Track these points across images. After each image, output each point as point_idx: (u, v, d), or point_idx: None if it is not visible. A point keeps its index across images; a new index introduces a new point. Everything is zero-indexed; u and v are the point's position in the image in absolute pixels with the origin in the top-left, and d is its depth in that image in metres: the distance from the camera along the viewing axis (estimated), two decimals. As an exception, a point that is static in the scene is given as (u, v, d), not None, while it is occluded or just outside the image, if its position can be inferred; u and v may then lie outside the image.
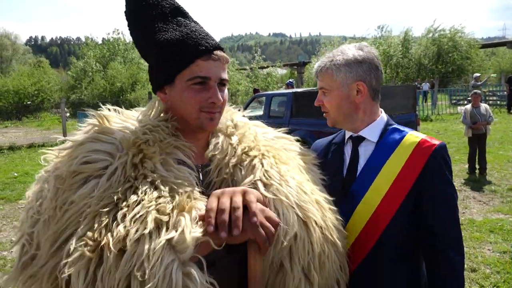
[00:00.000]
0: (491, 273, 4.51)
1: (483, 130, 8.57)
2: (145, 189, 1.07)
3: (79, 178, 1.10)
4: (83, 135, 1.23)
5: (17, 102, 29.50)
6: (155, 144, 1.18)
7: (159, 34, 1.24)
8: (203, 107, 1.24)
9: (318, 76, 1.67)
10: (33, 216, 1.11)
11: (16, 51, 61.19)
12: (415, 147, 1.56)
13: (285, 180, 1.23)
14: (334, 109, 1.65)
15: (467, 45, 37.82)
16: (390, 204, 1.52)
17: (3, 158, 13.32)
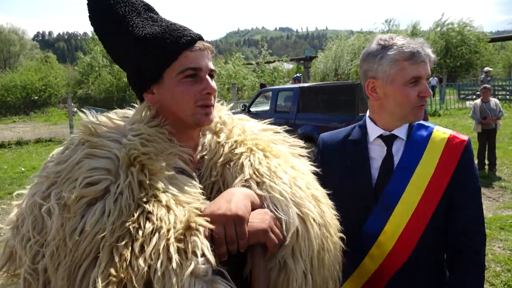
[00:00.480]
0: (502, 271, 4.44)
1: (493, 125, 8.48)
2: (160, 215, 1.01)
3: (82, 202, 1.02)
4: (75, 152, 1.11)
5: (24, 97, 29.67)
6: (157, 156, 1.11)
7: (137, 30, 1.17)
8: (197, 100, 1.17)
9: (428, 65, 1.52)
10: (32, 247, 1.01)
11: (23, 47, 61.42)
12: (446, 144, 1.54)
13: (278, 176, 1.17)
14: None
15: (475, 39, 37.41)
16: (429, 204, 1.50)
17: (11, 153, 13.40)
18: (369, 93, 1.58)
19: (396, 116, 1.56)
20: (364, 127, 1.66)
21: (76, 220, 1.00)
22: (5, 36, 57.86)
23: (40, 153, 13.20)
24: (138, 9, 1.21)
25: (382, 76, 1.51)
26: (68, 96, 17.73)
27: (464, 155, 1.52)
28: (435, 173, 1.51)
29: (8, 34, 58.58)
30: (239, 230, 1.02)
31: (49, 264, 0.99)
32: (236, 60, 32.34)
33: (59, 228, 0.99)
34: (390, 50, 1.50)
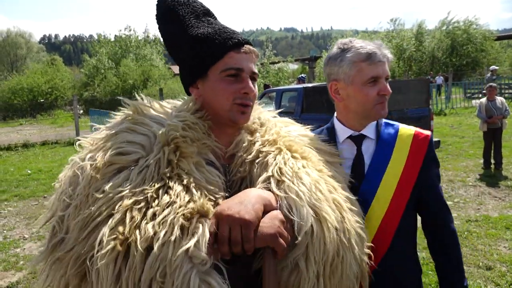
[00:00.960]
0: (507, 271, 4.40)
1: (499, 124, 8.41)
2: (178, 192, 1.07)
3: (112, 168, 1.12)
4: (118, 125, 1.24)
5: (31, 100, 29.82)
6: (193, 143, 1.20)
7: (192, 29, 1.28)
8: (236, 98, 1.25)
9: (386, 62, 1.60)
10: (65, 200, 1.12)
11: (30, 50, 61.84)
12: (413, 140, 1.65)
13: (299, 177, 1.20)
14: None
15: (481, 37, 37.18)
16: (401, 198, 1.59)
17: (17, 156, 13.50)
18: (333, 95, 1.68)
19: (360, 115, 1.63)
20: (332, 129, 1.73)
21: (103, 182, 1.09)
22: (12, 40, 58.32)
23: (46, 155, 13.28)
24: (197, 12, 1.33)
25: (343, 78, 1.60)
26: (73, 98, 17.79)
27: (429, 150, 1.64)
28: (405, 168, 1.61)
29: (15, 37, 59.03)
30: (244, 234, 1.04)
31: (72, 215, 1.09)
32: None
33: (86, 185, 1.10)
34: (348, 53, 1.58)
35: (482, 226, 5.66)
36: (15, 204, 7.78)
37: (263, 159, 1.26)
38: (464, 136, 12.39)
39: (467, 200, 6.80)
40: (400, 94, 7.72)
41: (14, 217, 7.04)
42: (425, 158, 1.63)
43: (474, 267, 4.53)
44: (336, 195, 1.25)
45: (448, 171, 8.62)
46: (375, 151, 1.64)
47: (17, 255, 5.42)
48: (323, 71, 1.73)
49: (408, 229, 1.64)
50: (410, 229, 1.66)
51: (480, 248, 4.97)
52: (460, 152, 10.26)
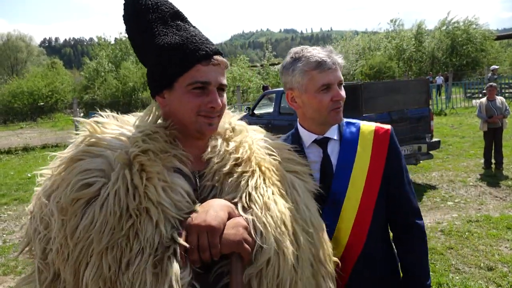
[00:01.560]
0: (509, 271, 4.38)
1: (499, 123, 8.41)
2: (148, 236, 1.07)
3: (80, 204, 1.10)
4: (74, 150, 1.21)
5: (31, 103, 29.85)
6: (156, 156, 1.17)
7: (159, 38, 1.24)
8: (201, 111, 1.23)
9: (338, 69, 1.63)
10: (41, 240, 1.14)
11: (30, 53, 61.93)
12: (374, 136, 1.70)
13: (267, 208, 1.21)
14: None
15: (481, 37, 37.20)
16: (371, 194, 1.64)
17: (17, 159, 13.51)
18: (290, 103, 1.72)
19: (317, 121, 1.67)
20: (296, 135, 1.76)
21: (77, 220, 1.09)
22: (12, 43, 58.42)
23: (46, 159, 13.15)
24: (166, 16, 1.28)
25: (297, 87, 1.63)
26: (74, 101, 17.80)
27: (391, 143, 1.70)
28: (371, 163, 1.66)
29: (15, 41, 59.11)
30: (211, 240, 1.09)
31: (56, 259, 1.10)
32: (241, 63, 32.38)
33: (60, 228, 1.09)
34: (299, 62, 1.62)
35: (483, 226, 5.64)
36: (15, 208, 7.77)
37: (236, 179, 1.25)
38: (465, 136, 12.37)
39: (468, 200, 6.77)
40: (400, 94, 7.70)
41: (13, 221, 7.03)
42: (388, 151, 1.68)
43: (475, 267, 4.51)
44: (298, 227, 1.27)
45: (448, 171, 8.60)
46: (340, 150, 1.69)
47: (16, 259, 5.40)
48: (281, 80, 1.76)
49: (381, 222, 1.69)
50: (382, 222, 1.71)
51: (481, 249, 4.94)
52: (461, 152, 10.23)
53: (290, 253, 1.20)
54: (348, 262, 1.60)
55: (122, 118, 1.33)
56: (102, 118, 1.31)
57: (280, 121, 9.15)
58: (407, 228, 1.72)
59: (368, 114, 7.21)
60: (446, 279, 4.26)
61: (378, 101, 7.32)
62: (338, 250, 1.58)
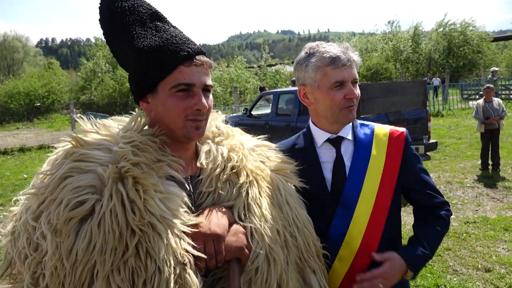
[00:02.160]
0: (506, 273, 4.38)
1: (496, 125, 8.41)
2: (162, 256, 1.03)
3: (72, 223, 1.05)
4: (60, 167, 1.13)
5: (28, 103, 29.73)
6: (149, 168, 1.13)
7: (138, 41, 1.19)
8: (188, 115, 1.19)
9: (353, 66, 1.59)
10: (30, 264, 1.06)
11: (27, 53, 61.54)
12: (389, 138, 1.67)
13: (263, 219, 1.24)
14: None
15: (478, 38, 37.31)
16: (385, 197, 1.60)
17: (14, 160, 13.43)
18: (302, 99, 1.68)
19: (329, 120, 1.64)
20: (308, 134, 1.72)
21: (71, 240, 1.03)
22: (8, 43, 58.09)
23: (43, 159, 13.10)
24: (144, 18, 1.23)
25: (310, 83, 1.60)
26: (70, 102, 17.72)
27: (406, 146, 1.67)
28: (385, 166, 1.62)
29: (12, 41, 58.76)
30: (217, 247, 1.13)
31: (50, 283, 1.04)
32: (238, 64, 32.33)
33: (54, 251, 1.03)
34: (313, 57, 1.58)
35: (481, 227, 5.64)
36: (11, 209, 7.70)
37: (238, 189, 1.26)
38: (462, 137, 12.38)
39: (465, 202, 6.78)
40: (397, 95, 7.70)
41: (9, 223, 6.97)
42: (404, 155, 1.65)
43: (473, 269, 4.50)
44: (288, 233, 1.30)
45: (445, 172, 8.61)
46: (354, 152, 1.65)
47: (12, 260, 5.36)
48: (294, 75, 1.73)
49: (395, 228, 1.67)
50: (397, 227, 1.69)
51: (479, 250, 4.94)
52: (458, 154, 10.25)
53: (281, 260, 1.24)
54: (358, 267, 1.56)
55: (103, 124, 1.26)
56: (82, 127, 1.24)
57: (277, 122, 9.14)
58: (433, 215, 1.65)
59: (366, 115, 7.20)
60: (444, 281, 4.25)
61: (375, 102, 7.32)
62: (349, 255, 1.57)
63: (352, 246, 1.56)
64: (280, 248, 1.25)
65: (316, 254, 1.40)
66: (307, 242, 1.36)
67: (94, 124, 1.26)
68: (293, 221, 1.34)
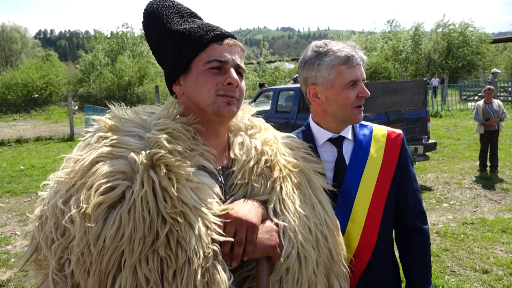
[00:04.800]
0: (504, 274, 4.38)
1: (496, 126, 8.42)
2: (193, 246, 1.02)
3: (101, 208, 1.03)
4: (92, 151, 1.12)
5: (25, 95, 29.59)
6: (182, 157, 1.12)
7: (175, 26, 1.24)
8: (219, 90, 1.19)
9: (362, 67, 1.60)
10: (56, 249, 1.05)
11: (25, 45, 61.23)
12: (387, 139, 1.69)
13: (297, 216, 1.23)
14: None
15: (477, 40, 37.32)
16: (380, 198, 1.62)
17: (10, 151, 13.36)
18: (311, 99, 1.65)
19: (338, 119, 1.63)
20: (309, 132, 1.71)
21: (99, 226, 1.01)
22: (6, 34, 57.78)
23: (39, 151, 13.16)
24: (183, 13, 1.29)
25: (322, 82, 1.58)
26: (68, 94, 17.60)
27: (402, 148, 1.69)
28: (382, 167, 1.64)
29: (10, 32, 58.46)
30: (250, 236, 1.11)
31: (76, 269, 1.02)
32: (238, 60, 32.21)
33: (82, 236, 1.01)
34: (326, 56, 1.57)
35: (478, 229, 5.64)
36: (7, 200, 7.68)
37: (272, 183, 1.25)
38: (460, 138, 12.40)
39: (463, 203, 6.78)
40: (397, 95, 7.69)
41: (6, 213, 6.95)
42: (400, 157, 1.68)
43: (470, 270, 4.51)
44: (319, 232, 1.29)
45: (443, 173, 8.61)
46: (352, 151, 1.66)
47: (8, 252, 5.34)
48: (298, 74, 1.69)
49: (389, 227, 1.69)
50: (390, 226, 1.71)
51: (477, 251, 4.95)
52: (456, 154, 10.26)
53: (313, 260, 1.22)
54: (358, 266, 1.57)
55: (134, 112, 1.25)
56: (115, 113, 1.23)
57: (277, 119, 9.12)
58: (411, 231, 1.70)
59: (366, 114, 7.18)
60: (442, 281, 4.25)
61: (376, 101, 7.30)
62: (348, 253, 1.55)
63: (351, 245, 1.57)
64: (311, 247, 1.23)
65: (343, 258, 1.38)
66: (336, 244, 1.35)
67: (125, 110, 1.25)
68: (325, 221, 1.33)
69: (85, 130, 1.29)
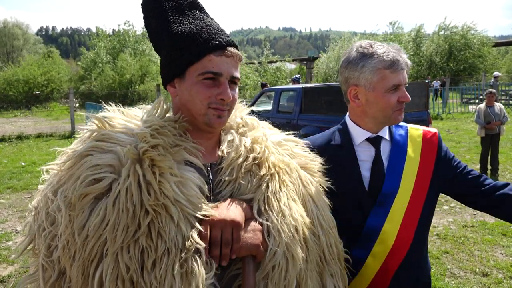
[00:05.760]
0: (504, 278, 4.39)
1: (497, 130, 8.42)
2: (172, 236, 1.06)
3: (87, 199, 1.08)
4: (82, 145, 1.18)
5: (26, 91, 29.62)
6: (166, 151, 1.15)
7: (173, 25, 1.22)
8: (211, 103, 1.20)
9: (405, 71, 1.60)
10: (46, 237, 1.11)
11: (27, 41, 61.28)
12: (423, 140, 1.69)
13: (282, 214, 1.23)
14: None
15: (479, 43, 37.32)
16: (418, 197, 1.62)
17: (11, 147, 13.37)
18: (351, 100, 1.65)
19: (378, 120, 1.64)
20: (345, 131, 1.71)
21: (84, 215, 1.06)
22: (8, 30, 57.82)
23: (40, 148, 13.17)
24: (183, 6, 1.26)
25: (364, 84, 1.58)
26: (70, 91, 17.61)
27: (439, 146, 1.70)
28: (420, 167, 1.65)
29: (11, 28, 58.50)
30: (235, 235, 1.14)
31: (62, 256, 1.08)
32: (238, 59, 32.24)
33: (67, 224, 1.07)
34: (371, 59, 1.56)
35: (479, 232, 5.65)
36: (8, 197, 7.69)
37: (258, 181, 1.25)
38: (461, 141, 12.40)
39: (463, 205, 6.76)
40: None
41: (6, 209, 6.95)
42: (437, 155, 1.68)
43: (470, 273, 4.51)
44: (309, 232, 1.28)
45: (444, 175, 8.60)
46: (390, 152, 1.67)
47: (8, 248, 5.34)
48: (340, 73, 1.69)
49: (425, 226, 1.69)
50: (426, 226, 1.70)
51: (477, 254, 4.95)
52: (457, 157, 10.24)
53: (299, 258, 1.22)
54: (392, 263, 1.60)
55: (128, 112, 1.30)
56: (109, 112, 1.28)
57: (278, 119, 9.12)
58: (494, 187, 1.62)
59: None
60: (442, 284, 4.26)
61: (378, 102, 7.30)
62: (383, 251, 1.60)
63: (387, 243, 1.59)
64: (298, 245, 1.24)
65: (337, 256, 1.39)
66: (329, 243, 1.36)
67: (120, 110, 1.30)
68: (318, 219, 1.34)
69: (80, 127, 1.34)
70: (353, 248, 1.59)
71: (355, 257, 1.56)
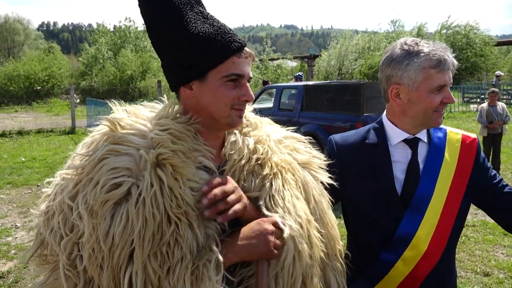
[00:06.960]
0: (505, 278, 4.38)
1: (499, 129, 8.39)
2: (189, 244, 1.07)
3: (108, 205, 1.06)
4: (99, 148, 1.14)
5: (27, 87, 29.59)
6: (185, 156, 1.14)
7: (191, 25, 1.18)
8: (234, 105, 1.21)
9: (451, 72, 1.54)
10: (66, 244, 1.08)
11: (28, 36, 61.21)
12: (461, 144, 1.64)
13: (288, 211, 1.23)
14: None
15: (481, 42, 37.23)
16: (453, 204, 1.57)
17: (12, 143, 13.37)
18: (392, 98, 1.58)
19: (418, 122, 1.57)
20: (381, 131, 1.66)
21: (107, 222, 1.05)
22: (9, 25, 57.78)
23: (41, 143, 13.16)
24: (191, 2, 1.23)
25: (407, 83, 1.51)
26: (70, 87, 17.54)
27: (477, 153, 1.64)
28: (456, 172, 1.59)
29: (13, 23, 58.45)
30: (236, 194, 1.15)
31: (89, 265, 1.05)
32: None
33: (91, 232, 1.05)
34: (416, 57, 1.49)
35: (480, 231, 5.63)
36: (8, 192, 7.68)
37: (261, 180, 1.26)
38: (462, 140, 12.38)
39: (465, 205, 6.76)
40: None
41: (6, 205, 6.95)
42: (475, 162, 1.62)
43: (471, 272, 4.50)
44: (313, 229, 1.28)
45: (445, 174, 8.59)
46: (428, 154, 1.61)
47: (8, 243, 5.33)
48: (380, 70, 1.63)
49: (458, 234, 1.65)
50: (459, 233, 1.67)
51: (478, 254, 4.94)
52: (458, 156, 10.23)
53: (306, 254, 1.22)
54: (424, 268, 1.56)
55: (134, 111, 1.26)
56: (118, 113, 1.24)
57: (279, 117, 9.09)
58: None
59: (369, 114, 7.18)
60: (443, 283, 4.24)
61: (380, 101, 7.22)
62: (414, 256, 1.56)
63: (420, 248, 1.54)
64: (304, 241, 1.24)
65: (339, 253, 1.39)
66: (332, 239, 1.36)
67: (126, 110, 1.26)
68: (320, 217, 1.34)
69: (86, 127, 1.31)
70: (382, 252, 1.57)
71: (383, 260, 1.56)
